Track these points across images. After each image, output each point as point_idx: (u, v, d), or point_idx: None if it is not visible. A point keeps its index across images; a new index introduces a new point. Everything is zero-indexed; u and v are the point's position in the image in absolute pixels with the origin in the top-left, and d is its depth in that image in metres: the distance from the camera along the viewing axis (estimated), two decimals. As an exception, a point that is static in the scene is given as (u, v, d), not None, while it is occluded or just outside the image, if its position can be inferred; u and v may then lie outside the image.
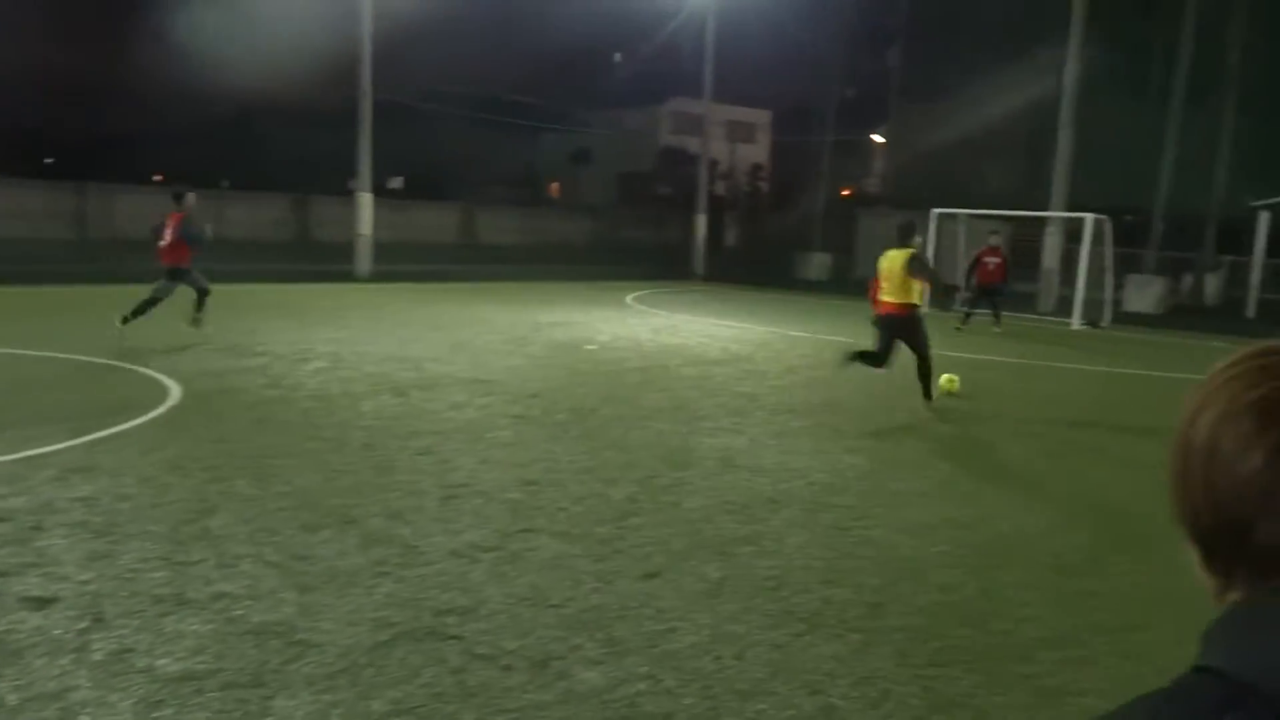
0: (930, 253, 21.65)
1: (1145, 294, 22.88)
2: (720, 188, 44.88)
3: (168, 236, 11.23)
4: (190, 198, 11.63)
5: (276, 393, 8.62)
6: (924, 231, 22.19)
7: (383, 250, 23.29)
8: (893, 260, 9.09)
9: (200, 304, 11.51)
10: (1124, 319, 19.83)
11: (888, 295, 9.21)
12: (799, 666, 3.76)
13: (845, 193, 46.39)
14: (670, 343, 13.55)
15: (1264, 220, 23.32)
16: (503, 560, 4.76)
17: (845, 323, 17.49)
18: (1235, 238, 26.55)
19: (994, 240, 17.31)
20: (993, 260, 16.69)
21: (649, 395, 9.42)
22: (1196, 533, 0.75)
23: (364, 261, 22.17)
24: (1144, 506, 6.27)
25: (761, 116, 51.51)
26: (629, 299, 20.13)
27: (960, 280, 18.71)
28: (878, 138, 46.49)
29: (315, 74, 31.04)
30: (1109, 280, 19.54)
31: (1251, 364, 0.74)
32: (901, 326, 9.13)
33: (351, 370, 9.98)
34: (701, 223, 30.11)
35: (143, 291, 11.27)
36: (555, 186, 51.95)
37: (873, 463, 7.12)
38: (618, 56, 51.99)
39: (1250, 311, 22.68)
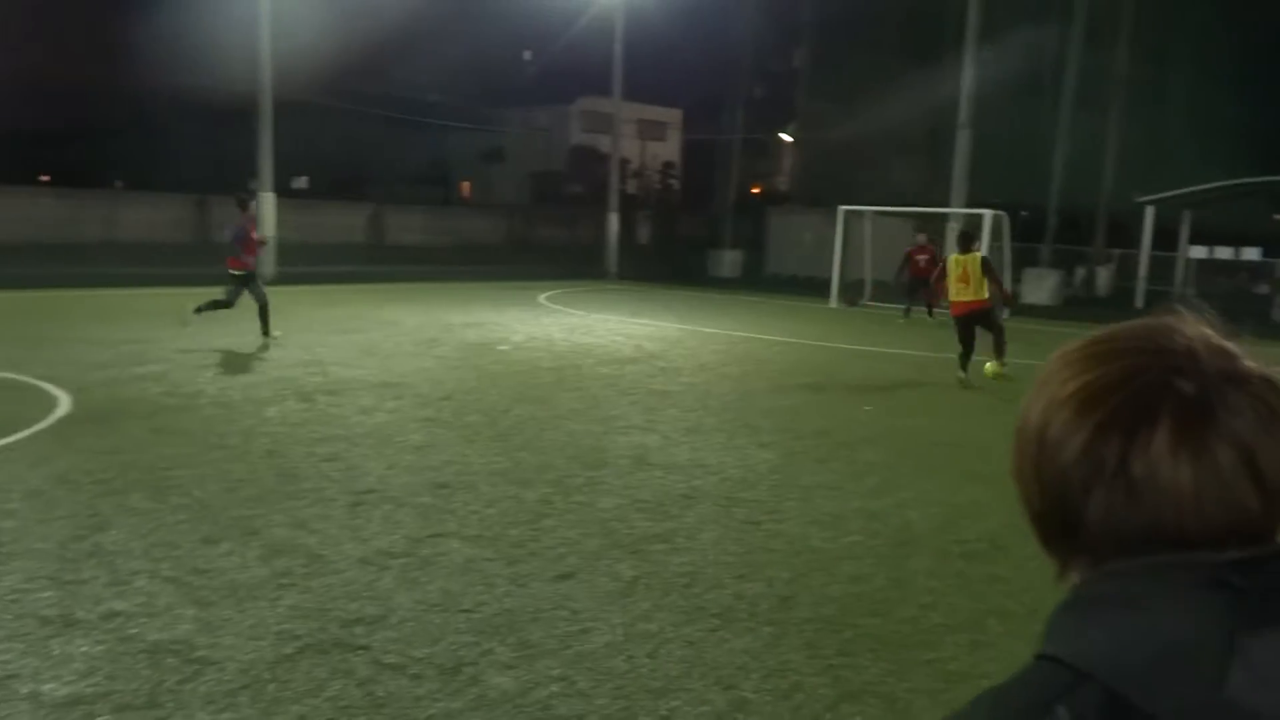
0: (838, 248, 22.16)
1: (1042, 286, 23.75)
2: (632, 186, 45.03)
3: (238, 241, 11.62)
4: (253, 205, 11.89)
5: (175, 401, 8.30)
6: (833, 225, 22.77)
7: (288, 252, 22.66)
8: (966, 264, 10.88)
9: (207, 308, 11.82)
10: (1023, 311, 20.53)
11: (967, 295, 10.89)
12: (712, 662, 3.77)
13: (755, 190, 47.03)
14: (584, 342, 13.52)
15: (1150, 215, 24.42)
16: (413, 566, 4.67)
17: (757, 318, 17.74)
18: (1123, 232, 27.76)
19: (921, 239, 18.02)
20: (923, 257, 17.49)
21: (562, 395, 9.37)
22: (1032, 516, 0.77)
23: (268, 264, 21.53)
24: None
25: (672, 115, 51.86)
26: (542, 298, 20.02)
27: (891, 278, 19.54)
28: (786, 136, 47.22)
29: (216, 69, 30.05)
30: (1008, 274, 20.20)
31: (1081, 352, 0.75)
32: (983, 316, 11.01)
33: (255, 376, 9.68)
34: (614, 221, 30.13)
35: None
36: (466, 186, 51.39)
37: (784, 457, 7.22)
38: (527, 55, 51.67)
39: (1139, 301, 23.72)
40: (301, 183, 38.52)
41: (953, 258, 11.11)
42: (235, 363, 10.38)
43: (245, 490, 5.82)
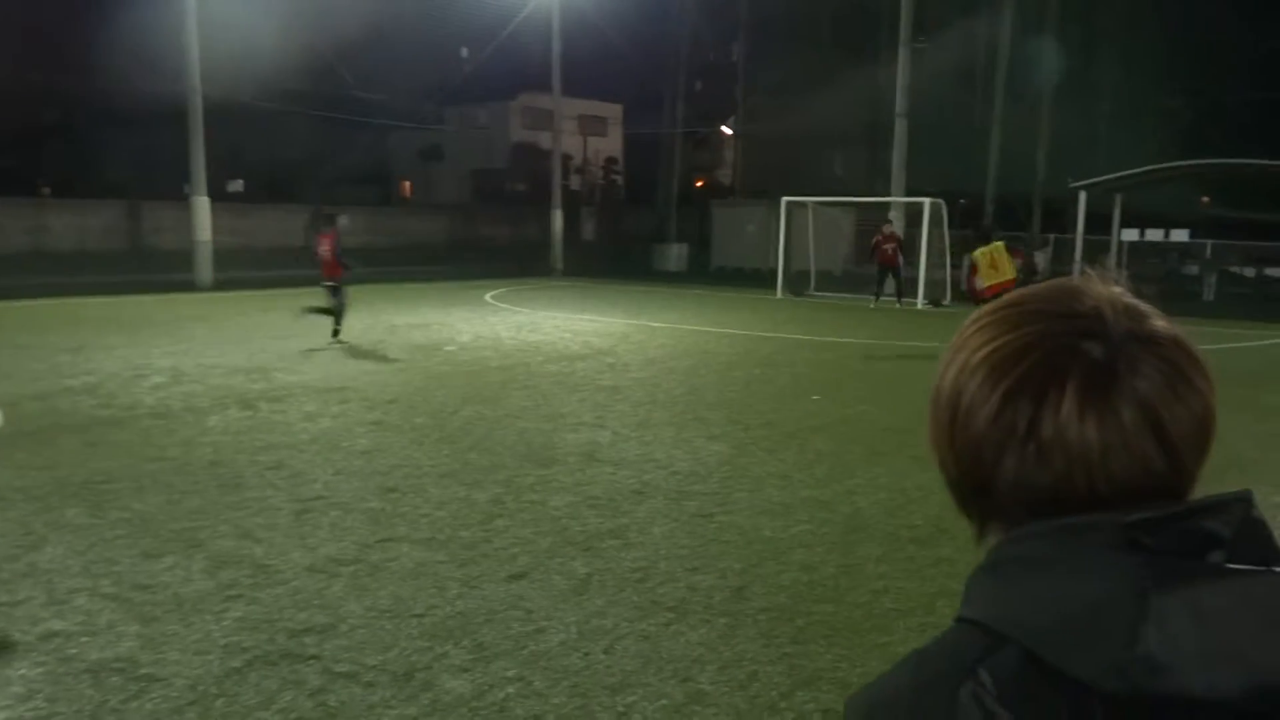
0: (781, 238, 22.34)
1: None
2: (575, 182, 44.91)
3: (325, 254, 12.61)
4: (343, 221, 13.49)
5: (109, 413, 8.09)
6: (776, 218, 22.94)
7: (224, 257, 22.21)
8: (991, 253, 12.40)
9: (319, 314, 12.77)
10: (964, 297, 20.88)
11: (998, 277, 12.21)
12: (668, 655, 3.78)
13: (698, 184, 47.20)
14: (531, 340, 13.45)
15: (1083, 199, 24.99)
16: (363, 573, 4.61)
17: (704, 311, 17.81)
18: (1058, 217, 28.41)
19: (888, 229, 18.34)
20: (890, 245, 17.84)
21: (511, 394, 9.32)
22: (949, 481, 0.77)
23: (204, 269, 21.08)
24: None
25: (613, 110, 51.77)
26: (488, 297, 19.88)
27: (842, 267, 20.08)
28: (727, 129, 47.45)
29: (146, 72, 29.30)
30: (948, 260, 20.54)
31: (990, 318, 0.75)
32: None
33: (194, 384, 9.47)
34: (558, 218, 30.01)
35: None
36: (407, 185, 50.81)
37: (734, 449, 7.25)
38: (464, 52, 51.20)
39: (1075, 285, 24.23)
40: (237, 186, 37.77)
41: (978, 252, 12.50)
42: (174, 372, 10.14)
43: (187, 502, 5.69)
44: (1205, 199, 32.37)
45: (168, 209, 28.62)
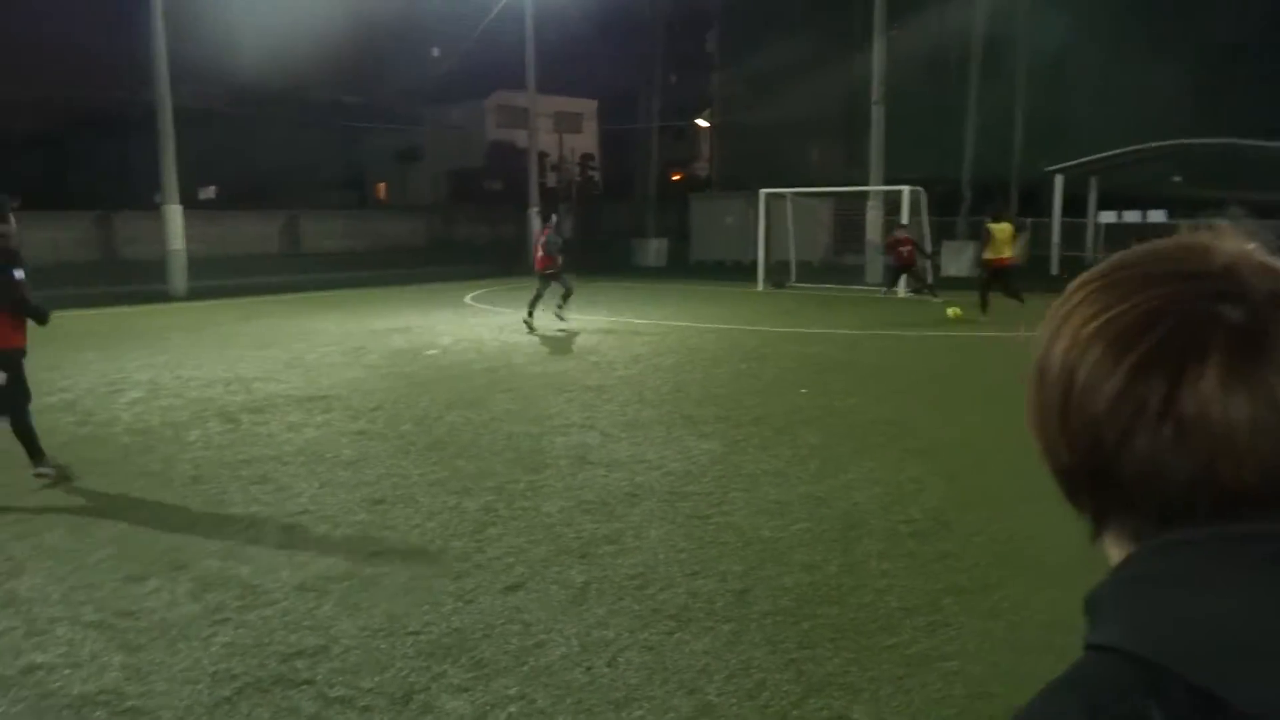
0: (761, 232, 22.29)
1: (961, 259, 24.20)
2: (552, 179, 44.70)
3: (539, 250, 14.62)
4: (554, 217, 15.35)
5: (87, 430, 7.90)
6: (754, 211, 22.87)
7: (200, 265, 21.92)
8: (1002, 230, 14.63)
9: (565, 300, 14.62)
10: (944, 283, 20.90)
11: (1006, 252, 14.58)
12: (673, 666, 3.68)
13: (676, 178, 47.09)
14: (514, 341, 13.32)
15: (1059, 183, 25.08)
16: (354, 590, 4.49)
17: (686, 306, 17.72)
18: (1035, 200, 28.49)
19: (901, 232, 18.15)
20: (906, 248, 17.68)
21: (497, 397, 9.19)
22: (1058, 470, 0.69)
23: (178, 279, 20.79)
24: (985, 464, 6.57)
25: (587, 106, 51.59)
26: (468, 299, 19.72)
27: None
28: (702, 122, 47.35)
29: (115, 79, 28.88)
30: (929, 247, 20.54)
31: (1095, 284, 0.67)
32: (1013, 268, 14.70)
33: (173, 398, 9.28)
34: (535, 216, 29.84)
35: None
36: (383, 187, 50.43)
37: (725, 446, 7.17)
38: (435, 51, 50.86)
39: (1054, 268, 24.35)
40: (210, 193, 37.37)
41: (993, 226, 14.65)
42: (151, 386, 9.94)
43: (170, 521, 5.55)
44: (1177, 178, 32.56)
45: (140, 218, 28.27)
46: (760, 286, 21.47)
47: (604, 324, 15.13)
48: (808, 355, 11.80)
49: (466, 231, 38.15)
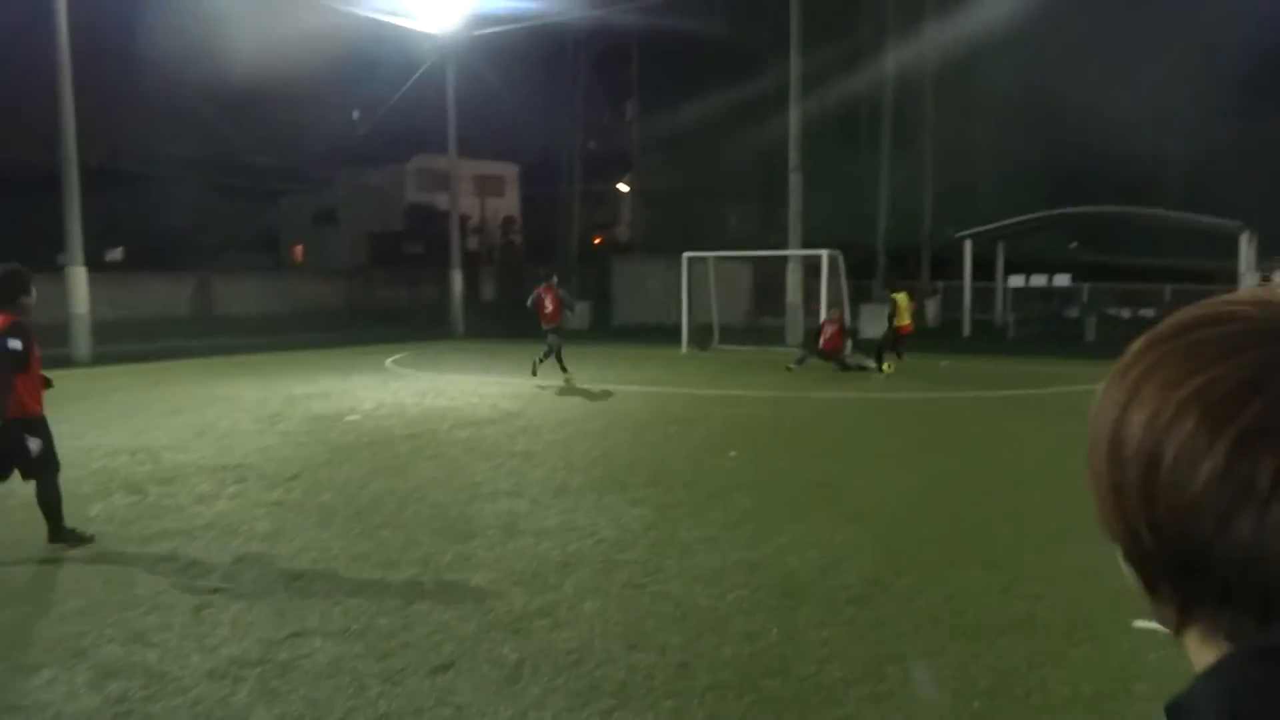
0: (684, 295, 22.48)
1: (878, 321, 24.74)
2: (474, 243, 44.59)
3: (548, 305, 15.74)
4: (555, 278, 16.56)
5: (-22, 505, 7.39)
6: (676, 273, 23.10)
7: (106, 329, 21.10)
8: (903, 299, 16.70)
9: (546, 357, 15.87)
10: (863, 346, 21.31)
11: (906, 319, 16.78)
12: (614, 748, 3.52)
13: (597, 241, 47.44)
14: (437, 405, 13.05)
15: (968, 248, 25.97)
16: (271, 674, 4.21)
17: (611, 369, 17.67)
18: (945, 266, 29.45)
19: (834, 313, 17.78)
20: (831, 328, 17.12)
21: (421, 464, 8.94)
22: (1137, 557, 0.61)
23: (82, 344, 19.94)
24: (916, 526, 6.59)
25: (509, 170, 51.82)
26: (389, 362, 19.34)
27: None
28: (623, 187, 47.97)
29: (13, 136, 27.94)
30: (847, 311, 20.96)
31: (1173, 345, 0.59)
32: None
33: (75, 469, 8.75)
34: (457, 279, 29.64)
35: None
36: (299, 250, 49.59)
37: (657, 512, 7.05)
38: (356, 114, 50.67)
39: (966, 331, 25.08)
40: (117, 255, 36.24)
41: (896, 296, 16.82)
42: (49, 456, 9.39)
43: (68, 604, 5.17)
44: (1074, 244, 34.11)
45: (41, 281, 27.09)
46: (684, 349, 21.57)
47: (529, 387, 14.96)
48: (735, 418, 11.81)
49: (387, 294, 37.63)
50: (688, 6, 31.16)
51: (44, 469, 6.20)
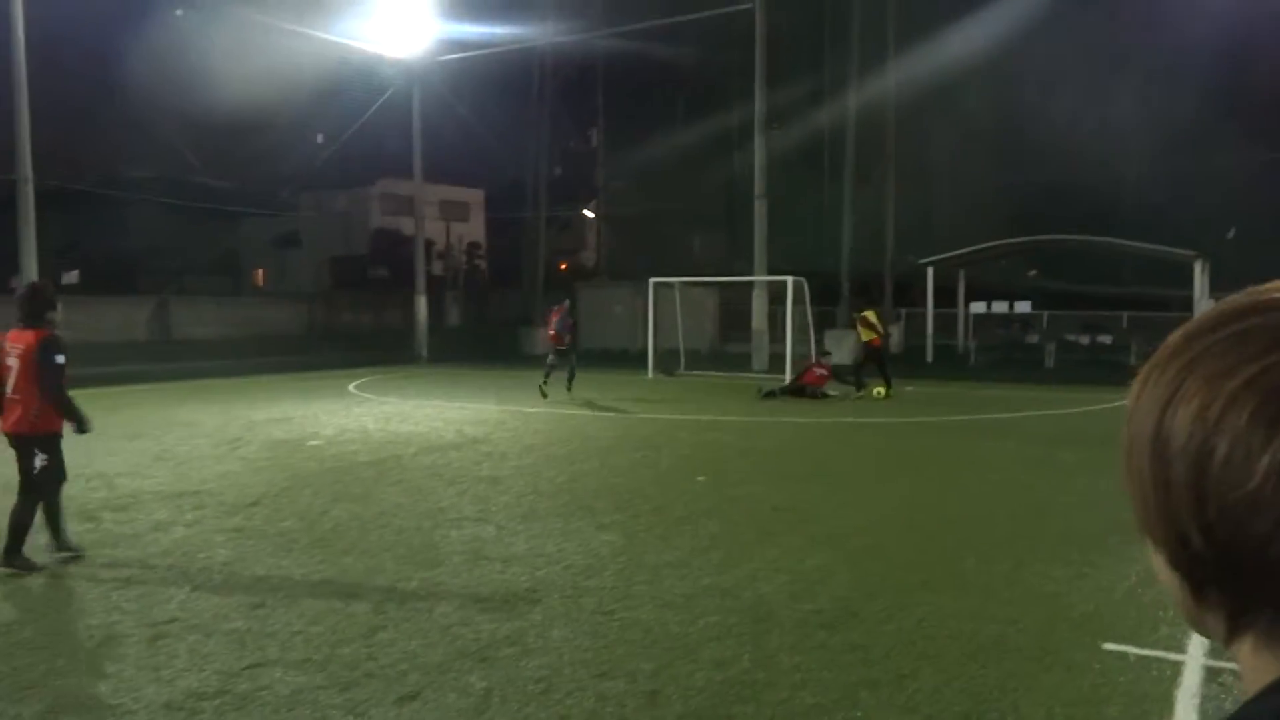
0: (650, 320, 22.48)
1: (841, 347, 24.91)
2: (439, 267, 44.39)
3: (552, 326, 16.82)
4: (567, 302, 17.56)
5: (-77, 533, 7.14)
6: (642, 299, 23.11)
7: (59, 353, 20.61)
8: (874, 315, 16.37)
9: (571, 378, 16.75)
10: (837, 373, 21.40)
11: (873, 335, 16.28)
12: (585, 779, 3.44)
13: (562, 267, 47.45)
14: (401, 430, 12.89)
15: (930, 275, 26.29)
16: (228, 707, 4.08)
17: (578, 393, 17.58)
18: (907, 292, 29.79)
19: (827, 360, 17.69)
20: (820, 371, 17.05)
21: (384, 490, 8.79)
22: (1184, 562, 0.57)
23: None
24: (885, 550, 6.58)
25: (474, 195, 51.70)
26: (352, 387, 19.11)
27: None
28: (588, 213, 48.07)
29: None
30: (812, 336, 21.08)
31: (1222, 334, 0.56)
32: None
33: (24, 496, 8.52)
34: (422, 304, 29.45)
35: None
36: (260, 273, 49.02)
37: (625, 538, 6.98)
38: (320, 138, 50.39)
39: (929, 356, 25.33)
40: (72, 277, 35.57)
41: (870, 311, 16.49)
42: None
43: (17, 634, 4.99)
44: (1032, 272, 34.72)
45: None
46: (650, 374, 21.54)
47: (494, 412, 14.83)
48: (703, 443, 11.78)
49: (350, 319, 37.25)
50: (654, 35, 31.41)
51: (37, 488, 6.21)
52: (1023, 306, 25.63)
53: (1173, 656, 4.55)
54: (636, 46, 32.34)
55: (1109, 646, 4.66)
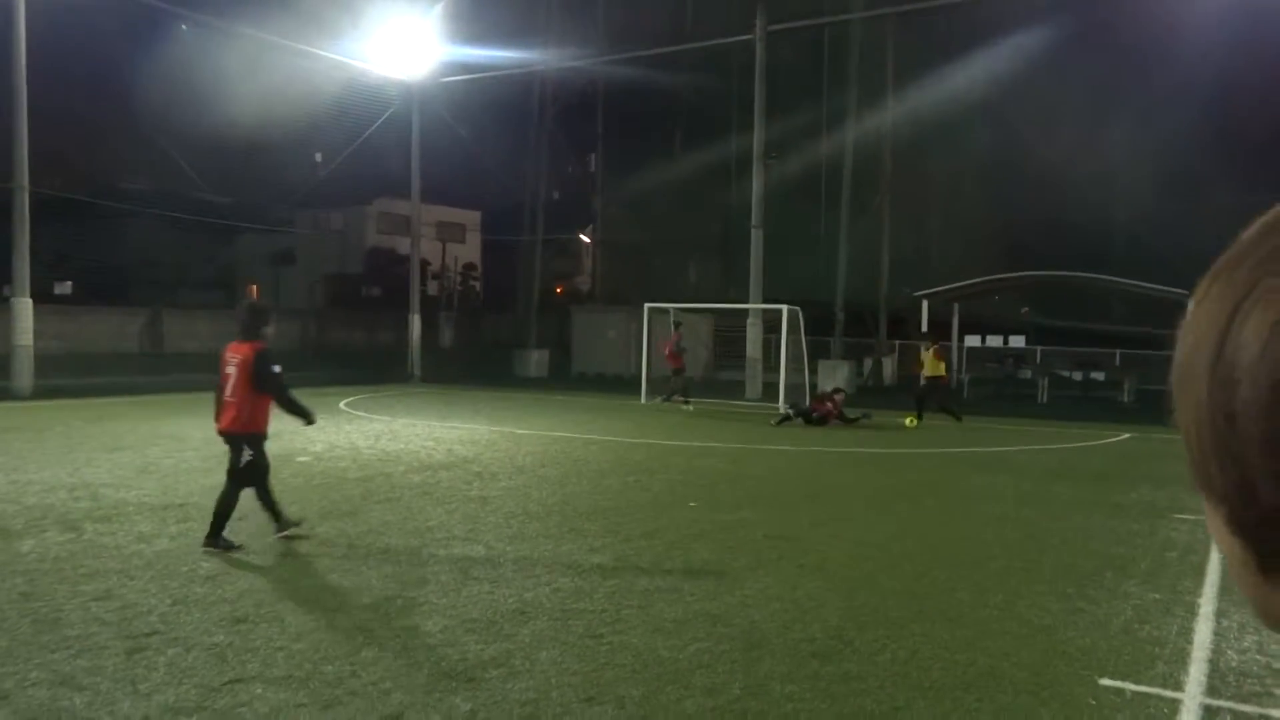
0: (645, 345, 22.45)
1: (835, 376, 24.89)
2: (433, 288, 44.37)
3: (670, 350, 19.23)
4: (680, 325, 19.63)
5: (-99, 539, 7.02)
6: (636, 324, 23.07)
7: (51, 363, 20.54)
8: (927, 353, 17.16)
9: (686, 393, 19.25)
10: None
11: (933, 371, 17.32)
12: (571, 805, 3.35)
13: (558, 290, 47.48)
14: (391, 449, 12.79)
15: (925, 307, 26.35)
16: (208, 723, 3.98)
17: (570, 417, 17.52)
18: (902, 324, 29.86)
19: (840, 396, 17.64)
20: (831, 401, 17.03)
21: (373, 508, 8.69)
22: (1250, 520, 0.45)
23: (24, 376, 19.35)
24: (878, 580, 6.50)
25: (470, 217, 51.77)
26: (343, 405, 19.00)
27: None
28: (584, 237, 48.15)
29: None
30: (805, 365, 21.06)
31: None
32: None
33: (7, 504, 8.42)
34: (416, 324, 29.38)
35: None
36: (254, 289, 48.89)
37: (616, 561, 6.90)
38: (318, 157, 50.49)
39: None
40: (65, 288, 35.48)
41: (931, 347, 17.25)
42: (-18, 490, 9.01)
43: (-8, 644, 4.88)
44: (1025, 309, 34.87)
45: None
46: (644, 399, 21.47)
47: (486, 433, 14.74)
48: (695, 469, 11.70)
49: (343, 337, 37.17)
50: (655, 63, 31.61)
51: (243, 479, 6.95)
52: (1017, 341, 25.69)
53: (1170, 694, 4.47)
54: (637, 74, 32.53)
55: (1106, 682, 4.59)
